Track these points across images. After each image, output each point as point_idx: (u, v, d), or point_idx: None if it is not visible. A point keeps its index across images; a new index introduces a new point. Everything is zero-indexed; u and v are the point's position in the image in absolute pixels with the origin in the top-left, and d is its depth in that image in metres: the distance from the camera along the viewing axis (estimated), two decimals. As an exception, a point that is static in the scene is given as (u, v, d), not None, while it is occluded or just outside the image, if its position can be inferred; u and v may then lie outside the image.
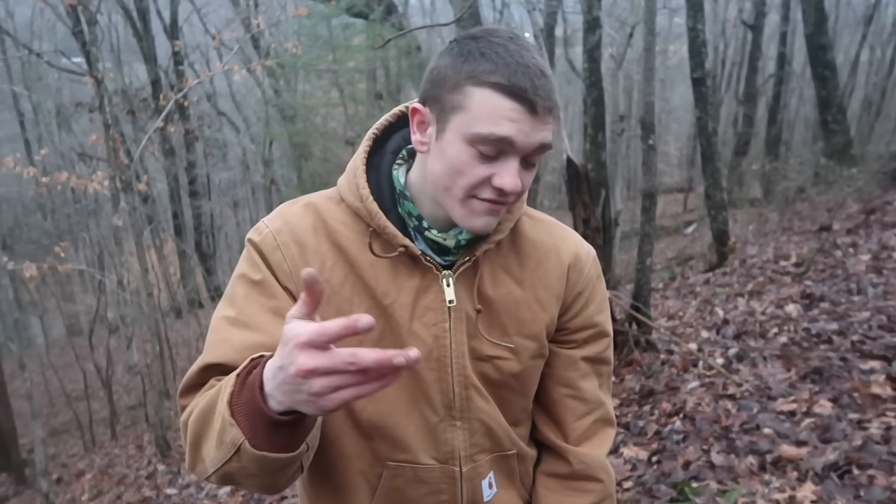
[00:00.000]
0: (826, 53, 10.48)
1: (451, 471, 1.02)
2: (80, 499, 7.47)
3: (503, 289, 1.00)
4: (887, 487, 2.22)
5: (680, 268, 8.98)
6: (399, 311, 0.96)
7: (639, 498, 2.69)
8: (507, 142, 0.84)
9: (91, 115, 12.59)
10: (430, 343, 0.97)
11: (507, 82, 0.82)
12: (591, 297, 1.07)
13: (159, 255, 14.05)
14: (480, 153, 0.85)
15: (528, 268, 1.02)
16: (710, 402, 3.27)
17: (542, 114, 0.84)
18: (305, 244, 0.95)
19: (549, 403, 1.10)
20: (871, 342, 3.42)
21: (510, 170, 0.86)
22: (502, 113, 0.83)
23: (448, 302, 0.96)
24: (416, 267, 0.96)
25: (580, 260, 1.05)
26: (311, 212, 0.98)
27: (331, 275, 0.95)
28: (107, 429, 11.17)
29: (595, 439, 1.11)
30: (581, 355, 1.08)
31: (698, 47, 7.15)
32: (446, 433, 1.00)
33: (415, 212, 0.96)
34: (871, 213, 6.89)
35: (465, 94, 0.84)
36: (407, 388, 0.98)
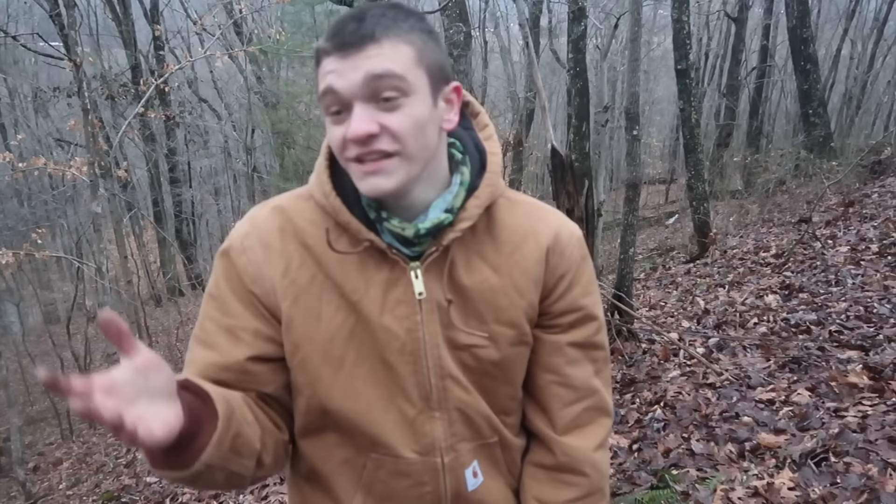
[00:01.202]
0: (808, 47, 10.58)
1: (433, 462, 1.00)
2: (58, 487, 7.40)
3: (478, 276, 0.97)
4: (863, 474, 2.25)
5: (661, 258, 9.04)
6: (369, 305, 0.94)
7: (620, 485, 2.71)
8: (331, 93, 0.84)
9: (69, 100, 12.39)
10: (403, 336, 0.95)
11: (320, 46, 0.85)
12: (576, 279, 1.02)
13: (139, 243, 13.90)
14: (334, 118, 0.86)
15: (504, 253, 0.98)
16: (690, 391, 3.30)
17: (354, 48, 0.83)
18: (270, 246, 0.95)
19: (536, 390, 1.07)
20: (848, 332, 3.47)
21: (352, 117, 0.84)
22: (325, 71, 0.85)
23: (417, 294, 0.94)
24: (384, 260, 0.94)
25: (560, 241, 1.01)
26: (279, 213, 0.97)
27: (297, 275, 0.94)
28: (85, 417, 11.06)
29: (586, 429, 1.06)
30: (567, 340, 1.03)
31: (683, 39, 7.17)
32: (425, 425, 0.99)
33: (373, 203, 0.94)
34: (850, 205, 6.98)
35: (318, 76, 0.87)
36: (382, 383, 0.96)
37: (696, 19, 16.27)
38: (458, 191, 0.95)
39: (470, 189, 0.96)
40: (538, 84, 5.11)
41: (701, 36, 17.87)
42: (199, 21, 9.97)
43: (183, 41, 17.74)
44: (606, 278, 6.27)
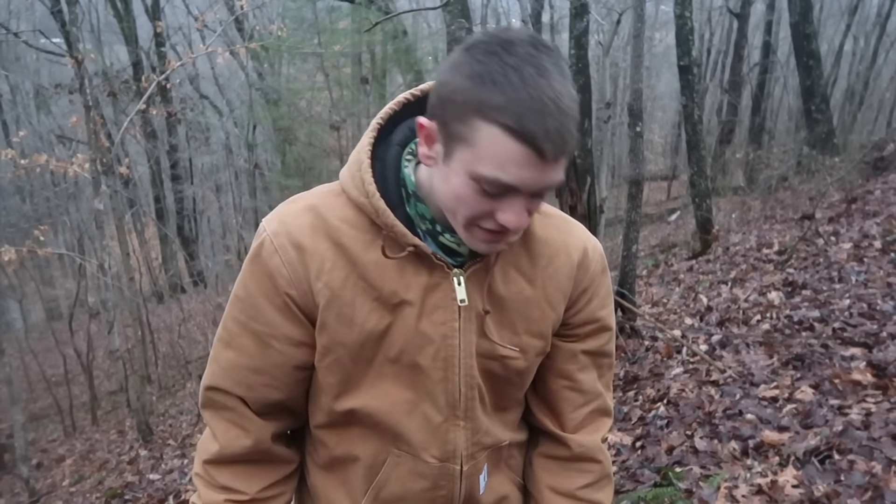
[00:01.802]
0: (811, 43, 10.55)
1: (452, 469, 1.02)
2: (61, 484, 7.42)
3: (514, 287, 0.98)
4: (867, 472, 2.25)
5: (664, 255, 9.04)
6: (407, 309, 0.93)
7: (623, 483, 2.71)
8: (511, 188, 0.80)
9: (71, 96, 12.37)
10: (438, 342, 0.94)
11: (517, 126, 0.75)
12: (596, 292, 1.05)
13: (141, 240, 13.91)
14: (484, 190, 0.80)
15: (539, 266, 1.00)
16: (693, 388, 3.30)
17: (552, 159, 0.78)
18: (303, 246, 0.91)
19: (548, 394, 1.10)
20: (851, 329, 3.46)
21: (514, 208, 0.82)
22: (509, 157, 0.77)
23: (459, 301, 0.94)
24: (423, 264, 0.93)
25: (588, 256, 1.03)
26: (310, 211, 0.93)
27: (330, 277, 0.91)
28: (88, 414, 11.08)
29: (591, 427, 1.12)
30: (581, 349, 1.07)
31: (685, 35, 7.15)
32: (449, 433, 1.00)
33: (427, 214, 0.92)
34: (853, 202, 6.96)
35: (472, 127, 0.78)
36: (410, 386, 0.96)
37: (699, 15, 16.22)
38: None
39: None
40: (541, 81, 5.09)
41: (703, 32, 17.81)
42: (201, 17, 9.95)
43: (184, 38, 17.72)
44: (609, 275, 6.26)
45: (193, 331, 12.28)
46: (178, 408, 9.08)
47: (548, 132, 0.75)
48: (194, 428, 7.18)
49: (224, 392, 0.97)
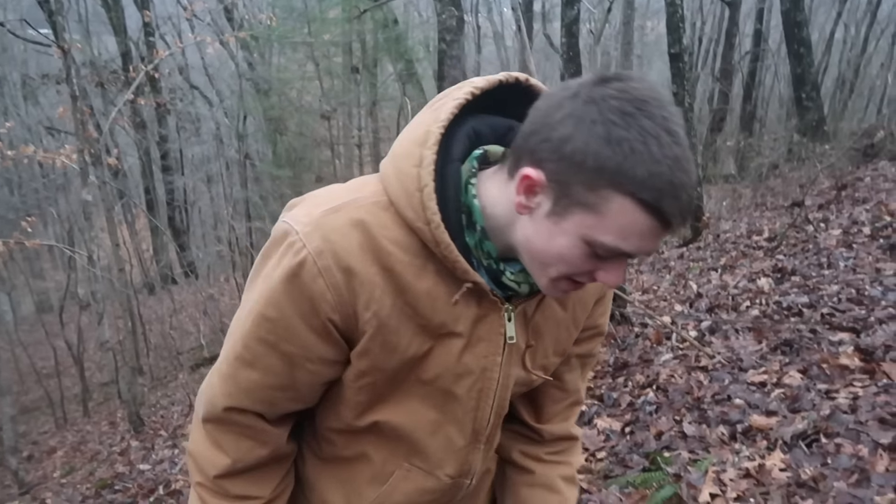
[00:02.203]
0: (801, 30, 10.54)
1: (463, 483, 1.04)
2: (52, 475, 7.40)
3: (549, 312, 0.96)
4: (854, 455, 2.26)
5: (655, 243, 9.05)
6: (454, 341, 0.89)
7: (612, 468, 2.72)
8: (626, 253, 0.76)
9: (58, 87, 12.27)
10: (477, 373, 0.92)
11: (655, 202, 0.71)
12: (605, 300, 1.05)
13: (131, 231, 13.84)
14: (595, 253, 0.76)
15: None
16: (682, 374, 3.31)
17: (674, 229, 0.76)
18: (352, 271, 0.81)
19: (535, 391, 1.09)
20: (840, 315, 3.47)
21: (618, 270, 0.79)
22: (637, 229, 0.73)
23: (508, 338, 0.91)
24: (474, 297, 0.87)
25: None
26: (359, 229, 0.81)
27: (379, 306, 0.83)
28: (79, 406, 11.06)
29: (563, 415, 1.15)
30: (576, 353, 1.07)
31: (676, 23, 7.13)
32: (469, 455, 1.00)
33: (494, 252, 0.85)
34: (843, 188, 6.98)
35: (602, 196, 0.72)
36: (438, 408, 0.94)
37: (690, 3, 16.19)
38: None
39: None
40: (531, 68, 5.08)
41: (695, 20, 17.78)
42: (190, 7, 9.86)
43: (173, 27, 17.55)
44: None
45: (185, 322, 12.25)
46: (169, 399, 9.08)
47: (682, 208, 0.72)
48: (185, 419, 7.17)
49: (242, 411, 0.90)
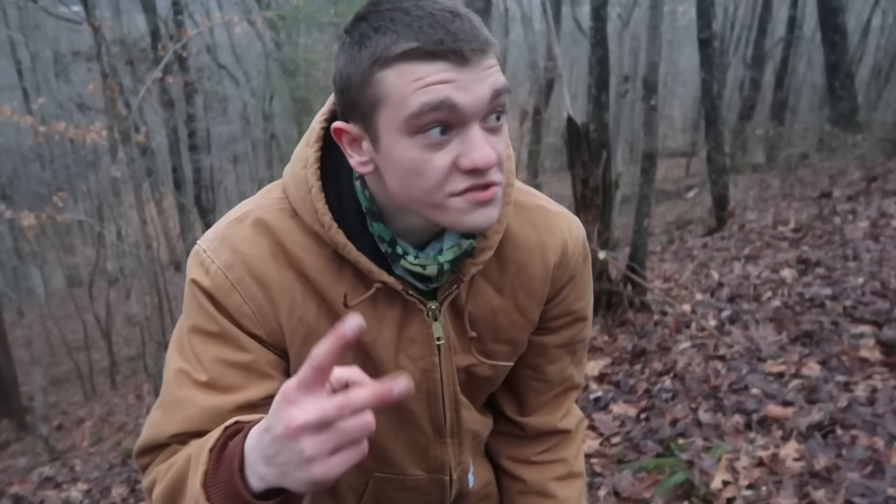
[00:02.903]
0: (837, 17, 10.30)
1: (441, 479, 1.00)
2: (81, 444, 7.62)
3: (480, 298, 0.88)
4: (869, 447, 2.26)
5: (679, 231, 8.98)
6: (382, 348, 0.85)
7: (626, 452, 2.74)
8: (448, 107, 0.66)
9: (89, 64, 12.43)
10: (419, 377, 0.88)
11: (417, 43, 0.65)
12: (574, 286, 0.96)
13: (159, 209, 14.01)
14: (428, 140, 0.68)
15: (509, 273, 0.89)
16: (700, 363, 3.31)
17: (475, 59, 0.67)
18: (267, 280, 0.78)
19: (513, 382, 1.04)
20: (862, 307, 3.44)
21: (473, 140, 0.69)
22: (427, 80, 0.66)
23: (437, 339, 0.86)
24: (397, 296, 0.83)
25: (566, 253, 0.92)
26: (265, 234, 0.79)
27: (303, 312, 0.80)
28: (107, 378, 11.32)
29: (552, 406, 1.06)
30: (553, 343, 1.00)
31: (706, 7, 7.02)
32: (436, 450, 0.97)
33: (386, 235, 0.79)
34: (873, 180, 6.86)
35: (376, 83, 0.68)
36: (393, 413, 0.90)
37: (723, -12, 15.88)
38: None
39: None
40: (556, 52, 5.05)
41: (727, 5, 17.46)
42: (218, -14, 9.90)
43: (202, 6, 17.65)
44: (622, 250, 6.25)
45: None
46: (194, 374, 9.23)
47: (454, 33, 0.66)
48: (209, 393, 7.31)
49: (199, 436, 0.75)
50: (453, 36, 0.66)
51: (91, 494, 4.27)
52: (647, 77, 4.50)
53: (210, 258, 0.79)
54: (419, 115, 0.67)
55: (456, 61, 0.66)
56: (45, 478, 4.98)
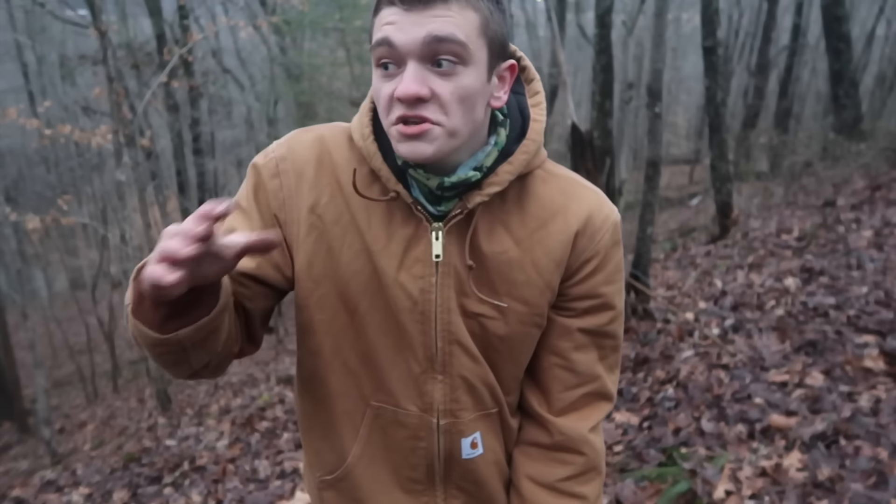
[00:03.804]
0: (842, 25, 10.30)
1: (430, 421, 1.01)
2: (83, 448, 7.62)
3: (498, 246, 0.94)
4: (873, 457, 2.25)
5: (682, 239, 8.97)
6: (386, 259, 0.93)
7: (628, 461, 2.73)
8: (386, 45, 0.80)
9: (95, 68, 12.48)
10: (416, 295, 0.94)
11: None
12: (601, 265, 0.97)
13: (162, 212, 14.04)
14: (381, 72, 0.83)
15: (529, 227, 0.95)
16: (703, 371, 3.30)
17: (420, 3, 0.78)
18: (304, 176, 0.93)
19: (538, 371, 1.05)
20: (866, 317, 3.43)
21: (404, 75, 0.80)
22: (383, 21, 0.80)
23: (434, 256, 0.92)
24: (411, 216, 0.92)
25: (592, 224, 0.96)
26: (319, 144, 0.95)
27: (325, 211, 0.93)
28: (109, 382, 11.33)
29: (582, 411, 1.04)
30: (578, 326, 1.00)
31: (711, 15, 7.03)
32: (427, 385, 0.99)
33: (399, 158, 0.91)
34: (877, 189, 6.85)
35: (371, 27, 0.83)
36: (392, 335, 0.96)
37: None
38: (490, 150, 0.91)
39: (505, 154, 0.92)
40: (560, 59, 5.05)
41: (732, 13, 17.47)
42: (224, -9, 9.95)
43: (207, 11, 17.71)
44: (625, 257, 6.24)
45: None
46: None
47: None
48: (211, 397, 7.33)
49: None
50: None
51: (92, 498, 4.27)
52: (652, 85, 4.50)
53: (273, 150, 0.96)
54: (372, 49, 0.82)
55: (401, 6, 0.79)
56: (46, 481, 4.99)
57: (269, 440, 4.47)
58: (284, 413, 4.92)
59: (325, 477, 1.08)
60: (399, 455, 1.04)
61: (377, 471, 1.05)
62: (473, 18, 0.80)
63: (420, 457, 1.04)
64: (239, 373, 8.29)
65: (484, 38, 0.82)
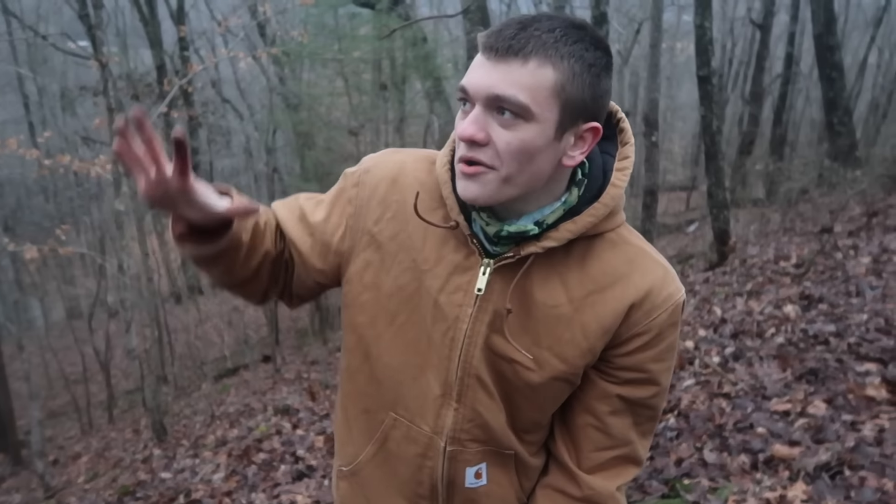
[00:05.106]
0: (834, 54, 10.44)
1: (438, 443, 1.03)
2: (76, 480, 7.51)
3: (550, 299, 0.94)
4: (878, 489, 2.22)
5: (680, 266, 8.96)
6: (431, 279, 0.97)
7: (630, 493, 2.69)
8: (463, 86, 0.84)
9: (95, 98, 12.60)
10: (450, 321, 0.97)
11: (481, 35, 0.83)
12: (652, 342, 0.96)
13: (160, 241, 14.05)
14: (462, 108, 0.86)
15: (586, 288, 0.94)
16: (704, 401, 3.27)
17: (498, 56, 0.81)
18: (377, 191, 1.00)
19: (572, 426, 1.05)
20: (867, 344, 3.41)
21: (468, 117, 0.84)
22: (473, 64, 0.84)
23: (477, 290, 0.94)
24: (465, 246, 0.96)
25: (650, 299, 0.94)
26: (400, 166, 1.01)
27: (385, 226, 0.99)
28: (104, 412, 11.21)
29: (611, 471, 1.05)
30: (617, 392, 1.00)
31: (705, 45, 7.11)
32: (443, 408, 1.01)
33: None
34: (874, 215, 6.87)
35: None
36: (422, 353, 1.00)
37: (721, 25, 16.15)
38: (557, 208, 0.91)
39: (573, 212, 0.92)
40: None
41: (725, 42, 17.72)
42: (224, 22, 10.09)
43: (207, 42, 17.94)
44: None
45: (210, 332, 12.40)
46: (192, 408, 9.17)
47: (500, 33, 0.81)
48: (208, 428, 7.24)
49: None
50: (498, 36, 0.81)
51: (85, 533, 4.19)
52: (648, 114, 4.54)
53: (363, 162, 1.06)
54: (459, 86, 0.86)
55: (486, 55, 0.82)
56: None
57: (267, 472, 4.41)
58: (282, 444, 4.86)
59: (342, 467, 1.14)
60: (408, 468, 1.06)
61: (386, 475, 1.09)
62: (549, 78, 0.81)
63: (426, 475, 1.06)
64: (236, 403, 8.22)
65: (556, 99, 0.82)
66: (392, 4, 9.64)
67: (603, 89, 0.86)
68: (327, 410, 5.67)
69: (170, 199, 0.87)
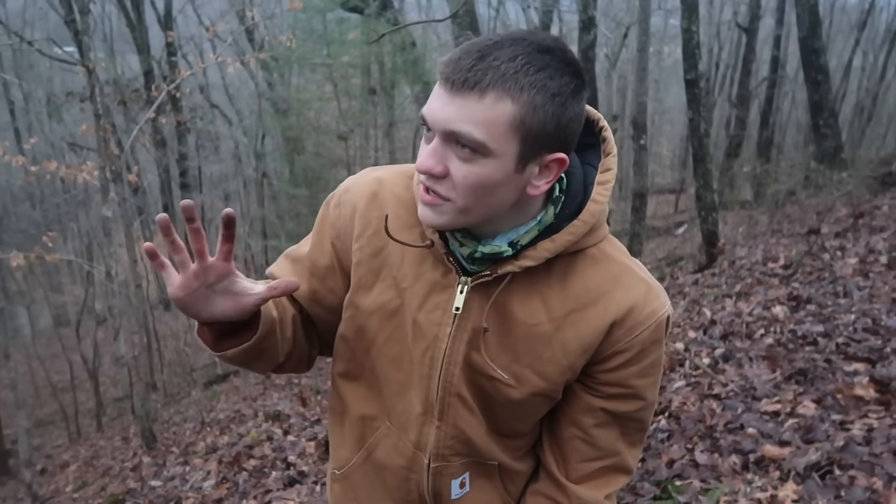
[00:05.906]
0: (819, 58, 10.54)
1: (421, 459, 1.04)
2: (65, 490, 7.44)
3: (531, 317, 0.92)
4: (868, 488, 2.23)
5: (669, 268, 9.00)
6: (410, 297, 0.96)
7: (622, 496, 2.69)
8: (422, 117, 0.83)
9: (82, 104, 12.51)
10: (429, 340, 0.96)
11: (442, 63, 0.81)
12: (634, 359, 0.95)
13: (149, 247, 14.00)
14: (426, 134, 0.85)
15: (567, 306, 0.92)
16: (695, 402, 3.28)
17: (455, 89, 0.77)
18: (357, 208, 0.99)
19: (559, 438, 1.04)
20: (855, 344, 3.44)
21: (427, 148, 0.83)
22: (434, 92, 0.82)
23: (454, 308, 0.93)
24: (442, 264, 0.94)
25: (632, 317, 0.92)
26: (377, 182, 1.00)
27: (366, 243, 0.98)
28: (93, 420, 11.12)
29: (599, 481, 1.04)
30: (601, 406, 0.99)
31: (692, 49, 7.16)
32: (425, 426, 1.02)
33: None
34: (860, 216, 6.93)
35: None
36: (403, 371, 1.00)
37: (708, 29, 16.27)
38: (531, 227, 0.89)
39: (551, 230, 0.89)
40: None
41: (712, 46, 17.85)
42: (212, 28, 10.06)
43: (195, 47, 17.88)
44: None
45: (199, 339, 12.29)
46: (182, 415, 9.10)
47: (457, 63, 0.78)
48: (198, 436, 7.19)
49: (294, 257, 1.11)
50: (455, 67, 0.78)
51: (74, 542, 4.15)
52: (637, 118, 4.57)
53: (342, 184, 1.04)
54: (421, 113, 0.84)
55: (444, 85, 0.79)
56: (27, 525, 4.85)
57: (258, 479, 4.38)
58: (273, 451, 4.83)
59: (335, 470, 1.16)
60: (395, 478, 1.07)
61: (375, 482, 1.10)
62: (507, 112, 0.77)
63: (413, 486, 1.07)
64: (226, 409, 8.17)
65: (516, 133, 0.78)
66: (380, 9, 9.65)
67: (568, 117, 0.81)
68: (318, 416, 5.64)
69: (203, 294, 0.86)
